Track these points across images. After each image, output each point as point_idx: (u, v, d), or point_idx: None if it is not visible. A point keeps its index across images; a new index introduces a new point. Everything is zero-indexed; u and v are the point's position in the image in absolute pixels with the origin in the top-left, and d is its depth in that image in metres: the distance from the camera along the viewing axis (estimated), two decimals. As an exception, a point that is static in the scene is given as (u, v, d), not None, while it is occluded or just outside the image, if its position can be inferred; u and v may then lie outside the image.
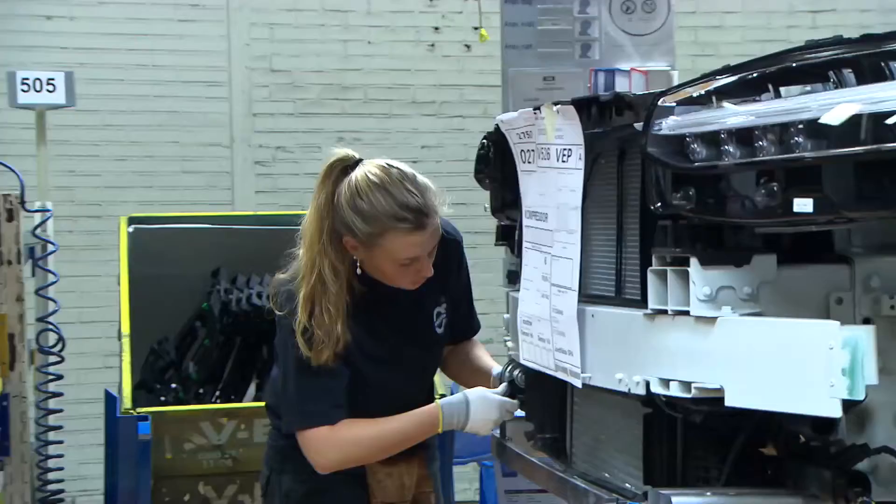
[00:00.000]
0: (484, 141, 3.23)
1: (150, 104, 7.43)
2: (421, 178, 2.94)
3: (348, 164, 2.88)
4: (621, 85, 4.67)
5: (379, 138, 7.52)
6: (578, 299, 2.51)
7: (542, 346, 2.68)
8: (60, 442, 5.59)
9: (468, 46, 7.66)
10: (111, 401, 5.08)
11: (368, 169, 2.88)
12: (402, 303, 2.98)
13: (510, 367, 3.03)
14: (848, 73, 2.22)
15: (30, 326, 5.20)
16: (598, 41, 4.88)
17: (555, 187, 2.60)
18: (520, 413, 3.06)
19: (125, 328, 4.93)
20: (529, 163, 2.74)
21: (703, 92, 2.24)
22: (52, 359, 5.36)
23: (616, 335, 2.44)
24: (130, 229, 5.29)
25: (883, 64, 2.19)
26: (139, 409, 4.55)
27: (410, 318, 3.04)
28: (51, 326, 5.33)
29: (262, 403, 4.13)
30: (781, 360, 2.02)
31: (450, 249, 3.08)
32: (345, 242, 2.82)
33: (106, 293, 6.12)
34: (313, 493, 3.02)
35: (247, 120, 7.55)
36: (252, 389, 5.06)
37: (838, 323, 1.96)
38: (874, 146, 1.87)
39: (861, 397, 1.91)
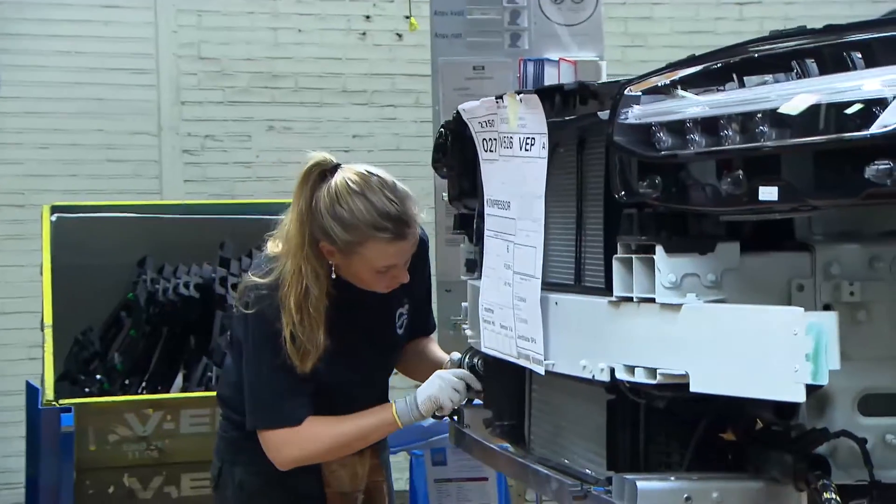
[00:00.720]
0: (442, 130, 3.24)
1: (74, 91, 7.31)
2: (400, 185, 2.94)
3: (326, 169, 2.86)
4: (550, 75, 4.72)
5: (310, 127, 7.55)
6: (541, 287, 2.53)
7: (504, 334, 2.69)
8: (-18, 435, 5.56)
9: (399, 35, 7.64)
10: (32, 392, 5.01)
11: (348, 176, 2.87)
12: (368, 304, 2.99)
13: (469, 354, 3.05)
14: (811, 64, 2.22)
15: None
16: (528, 31, 4.91)
17: (518, 176, 2.60)
18: (477, 402, 3.07)
19: (48, 319, 4.85)
20: (491, 151, 2.75)
21: (668, 81, 2.24)
22: (-26, 351, 5.32)
23: (580, 322, 2.45)
24: (53, 218, 5.21)
25: (845, 54, 2.20)
26: (62, 401, 4.48)
27: (374, 320, 3.06)
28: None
29: (190, 394, 4.16)
30: (746, 345, 2.04)
31: (419, 251, 3.08)
32: (321, 248, 2.82)
33: (29, 283, 6.03)
34: (268, 485, 3.03)
35: (175, 108, 7.46)
36: (179, 380, 5.00)
37: (802, 309, 1.99)
38: (834, 136, 1.89)
39: (825, 382, 1.95)
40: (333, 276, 2.90)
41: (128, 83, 7.41)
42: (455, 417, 3.10)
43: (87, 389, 4.96)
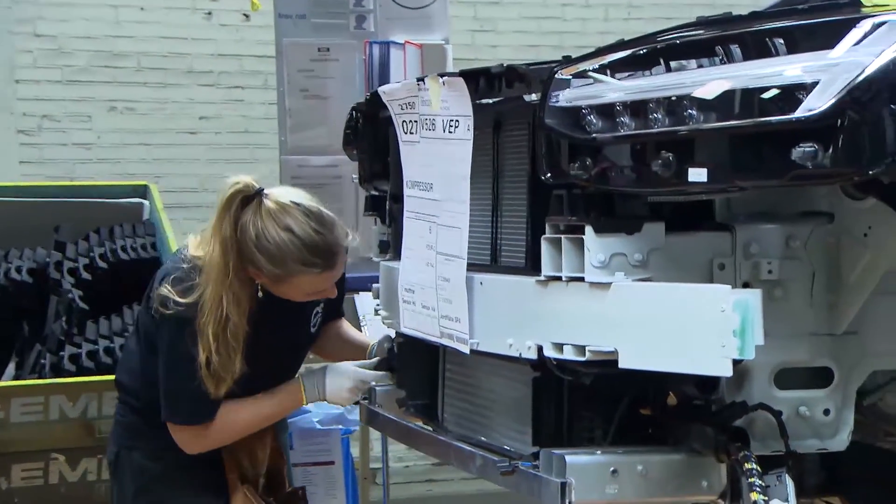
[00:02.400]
0: (353, 112, 3.24)
1: None
2: (326, 213, 2.91)
3: (248, 195, 2.81)
4: (396, 58, 4.80)
5: (154, 108, 7.42)
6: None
7: (426, 314, 2.72)
8: None
9: (246, 16, 7.52)
10: None
11: (272, 208, 2.83)
12: (286, 310, 2.99)
13: (382, 340, 3.11)
14: (735, 49, 2.27)
15: None
16: (373, 13, 4.94)
17: (441, 157, 2.63)
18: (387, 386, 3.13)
19: None
20: (412, 133, 2.77)
21: (597, 66, 2.28)
22: None
23: (507, 302, 2.48)
24: None
25: (768, 40, 2.25)
26: None
27: (290, 322, 3.08)
28: None
29: (21, 383, 4.08)
30: (674, 322, 2.10)
31: None
32: (250, 272, 2.80)
33: None
34: (168, 470, 3.04)
35: (9, 87, 7.20)
36: (11, 368, 4.73)
37: (729, 287, 2.08)
38: (761, 119, 1.96)
39: (752, 357, 2.02)
40: (260, 293, 2.88)
41: (-42, 60, 7.28)
42: (366, 398, 3.13)
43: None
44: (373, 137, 3.22)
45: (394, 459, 6.80)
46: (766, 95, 1.99)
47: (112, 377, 3.58)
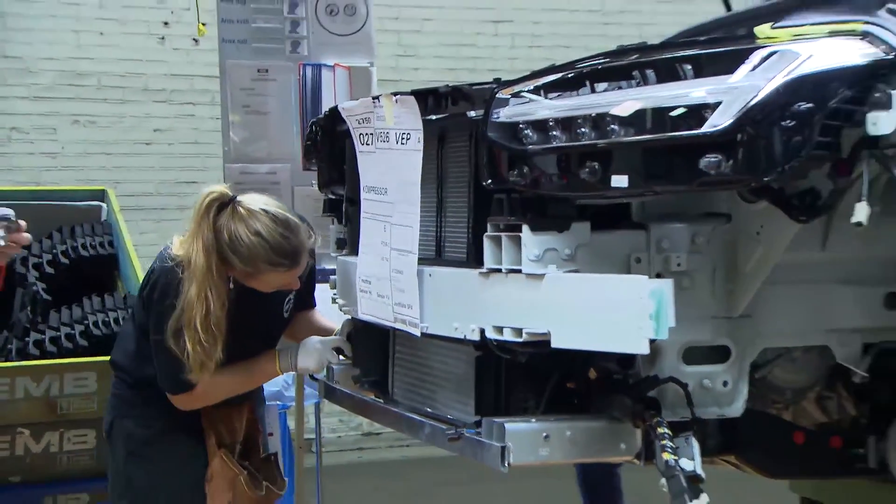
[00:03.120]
0: (312, 126, 3.26)
1: None
2: (292, 218, 2.98)
3: (223, 202, 2.88)
4: (327, 78, 4.87)
5: (113, 122, 7.55)
6: (414, 261, 2.61)
7: (381, 302, 2.75)
8: None
9: (195, 41, 7.53)
10: None
11: (244, 214, 2.91)
12: (260, 299, 3.06)
13: (345, 322, 3.14)
14: (650, 73, 2.31)
15: None
16: (307, 39, 5.00)
17: (394, 166, 2.66)
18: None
19: None
20: (368, 144, 2.80)
21: (531, 87, 2.32)
22: None
23: (453, 290, 2.52)
24: None
25: (678, 66, 2.27)
26: None
27: (264, 310, 3.14)
28: None
29: None
30: (599, 308, 2.17)
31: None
32: (226, 269, 2.89)
33: None
34: (155, 437, 3.12)
35: (-21, 102, 7.34)
36: None
37: (646, 277, 2.15)
38: (673, 133, 2.04)
39: (665, 337, 2.10)
40: (232, 285, 2.94)
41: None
42: (324, 375, 3.21)
43: None
44: (330, 148, 3.23)
45: (327, 431, 6.90)
46: (676, 113, 2.05)
47: (72, 360, 3.83)
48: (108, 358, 3.34)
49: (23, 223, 2.91)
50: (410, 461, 7.29)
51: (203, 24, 6.05)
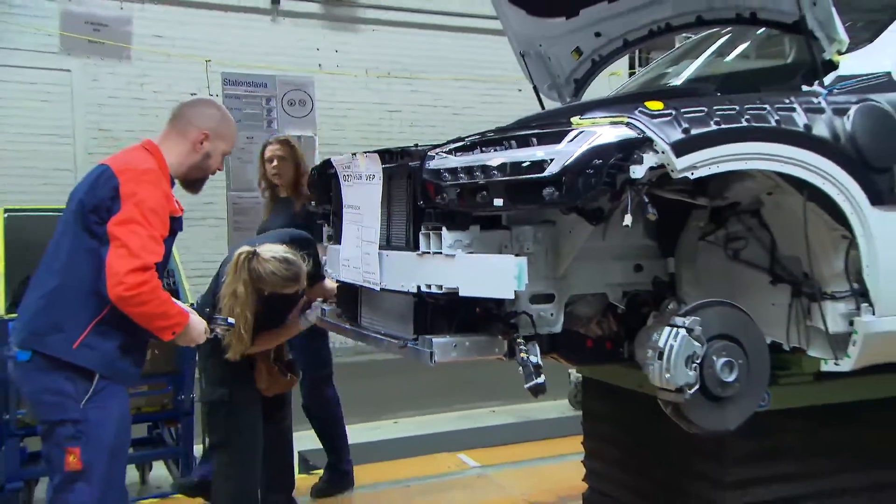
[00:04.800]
0: (313, 170, 3.34)
1: None
2: (291, 256, 3.17)
3: (249, 255, 3.15)
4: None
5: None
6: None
7: (356, 271, 2.83)
8: None
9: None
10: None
11: (262, 260, 3.15)
12: (276, 308, 3.36)
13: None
14: (513, 142, 2.38)
15: None
16: (276, 119, 5.66)
17: (364, 193, 2.77)
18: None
19: None
20: (348, 180, 2.91)
21: (447, 149, 2.48)
22: None
23: (399, 264, 2.63)
24: None
25: (529, 138, 2.34)
26: None
27: (275, 315, 3.45)
28: None
29: None
30: (485, 273, 2.37)
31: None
32: (258, 292, 3.18)
33: None
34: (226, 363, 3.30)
35: None
36: None
37: (512, 255, 2.37)
38: (528, 175, 2.25)
39: (523, 289, 2.33)
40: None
41: None
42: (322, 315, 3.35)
43: None
44: (322, 182, 3.25)
45: None
46: (526, 164, 2.26)
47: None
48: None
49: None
50: (365, 363, 7.21)
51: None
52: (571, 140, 2.25)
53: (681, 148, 2.26)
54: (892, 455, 3.14)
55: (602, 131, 2.26)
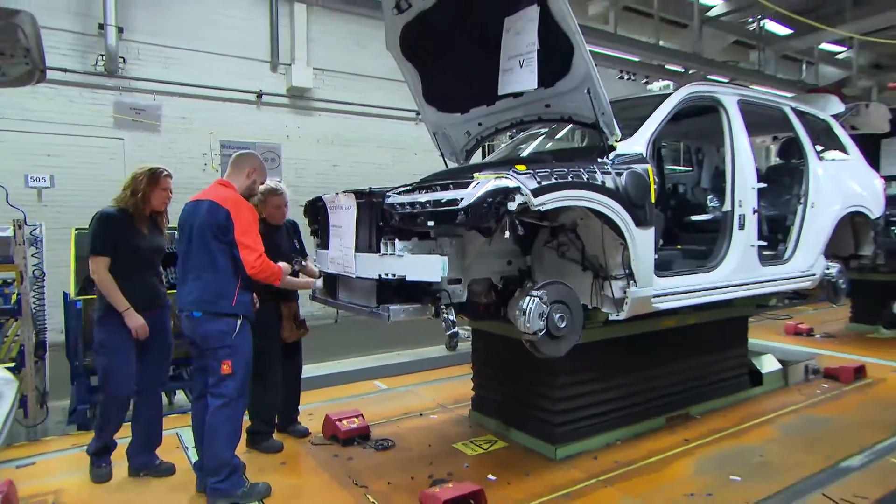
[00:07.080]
0: (307, 203, 3.03)
1: None
2: (277, 184, 2.99)
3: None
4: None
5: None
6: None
7: (339, 265, 2.68)
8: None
9: (205, 168, 6.98)
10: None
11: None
12: (275, 240, 2.97)
13: (322, 277, 2.97)
14: (439, 186, 2.33)
15: None
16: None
17: (344, 217, 2.64)
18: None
19: None
20: (333, 209, 2.73)
21: (399, 191, 2.42)
22: None
23: (368, 261, 2.53)
24: None
25: (449, 184, 2.29)
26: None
27: (280, 244, 3.03)
28: None
29: None
30: (423, 267, 2.31)
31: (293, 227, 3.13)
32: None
33: None
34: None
35: None
36: None
37: (439, 256, 2.32)
38: (448, 207, 2.20)
39: (446, 275, 2.29)
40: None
41: None
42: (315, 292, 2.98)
43: None
44: (314, 211, 2.97)
45: (315, 309, 5.41)
46: (446, 201, 2.24)
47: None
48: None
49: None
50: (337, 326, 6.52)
51: (214, 164, 5.82)
52: (474, 187, 2.25)
53: (536, 192, 2.29)
54: (642, 364, 3.28)
55: (492, 182, 2.25)
